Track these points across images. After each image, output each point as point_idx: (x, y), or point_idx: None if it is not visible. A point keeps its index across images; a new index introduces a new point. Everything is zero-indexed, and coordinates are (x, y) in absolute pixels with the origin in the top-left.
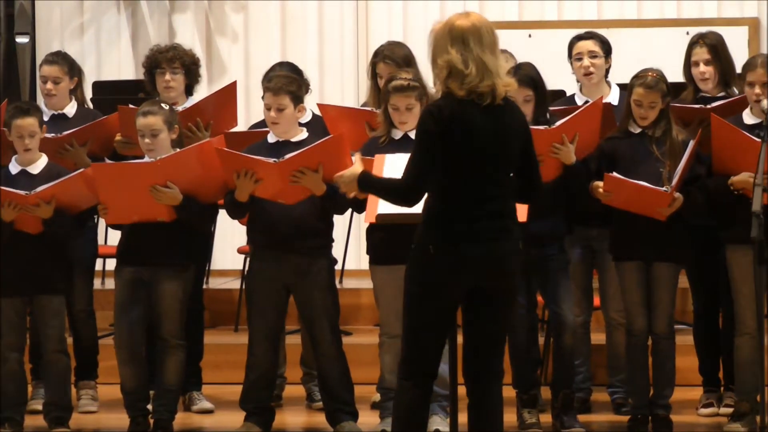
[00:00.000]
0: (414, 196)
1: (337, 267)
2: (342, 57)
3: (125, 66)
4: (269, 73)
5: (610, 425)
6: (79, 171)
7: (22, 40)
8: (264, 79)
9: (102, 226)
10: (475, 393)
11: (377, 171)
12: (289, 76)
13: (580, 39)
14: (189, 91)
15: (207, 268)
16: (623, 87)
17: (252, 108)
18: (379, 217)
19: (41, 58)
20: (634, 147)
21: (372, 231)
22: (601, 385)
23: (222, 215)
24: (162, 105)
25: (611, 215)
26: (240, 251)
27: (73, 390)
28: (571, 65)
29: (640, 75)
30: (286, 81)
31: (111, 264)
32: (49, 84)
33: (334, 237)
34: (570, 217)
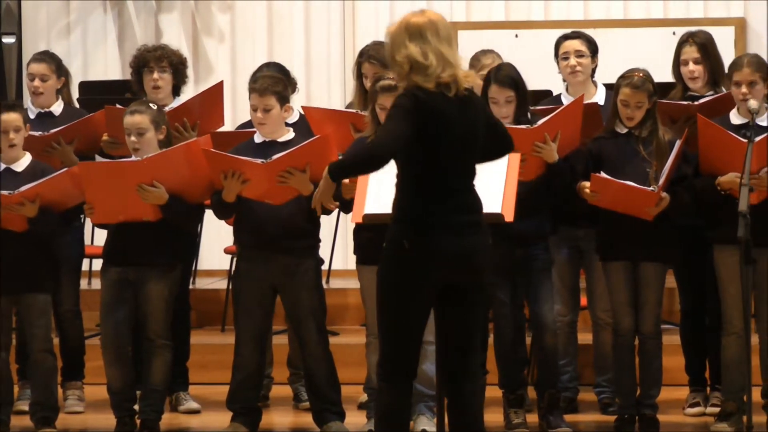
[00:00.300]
0: (382, 151)
1: (324, 267)
2: (329, 57)
3: (112, 66)
4: (256, 74)
5: (596, 425)
6: (65, 169)
7: (8, 40)
8: (250, 80)
9: (89, 226)
10: (453, 393)
11: (361, 185)
12: (275, 76)
13: (566, 38)
14: (176, 92)
15: (194, 268)
16: (610, 87)
17: (239, 108)
18: (366, 217)
19: (28, 58)
20: (620, 147)
21: (359, 231)
22: (588, 385)
23: (209, 215)
24: (150, 105)
25: (598, 215)
26: (227, 251)
27: (60, 390)
28: (558, 65)
29: (626, 75)
30: (271, 81)
31: (97, 264)
32: (37, 81)
33: (321, 237)
34: (557, 218)
